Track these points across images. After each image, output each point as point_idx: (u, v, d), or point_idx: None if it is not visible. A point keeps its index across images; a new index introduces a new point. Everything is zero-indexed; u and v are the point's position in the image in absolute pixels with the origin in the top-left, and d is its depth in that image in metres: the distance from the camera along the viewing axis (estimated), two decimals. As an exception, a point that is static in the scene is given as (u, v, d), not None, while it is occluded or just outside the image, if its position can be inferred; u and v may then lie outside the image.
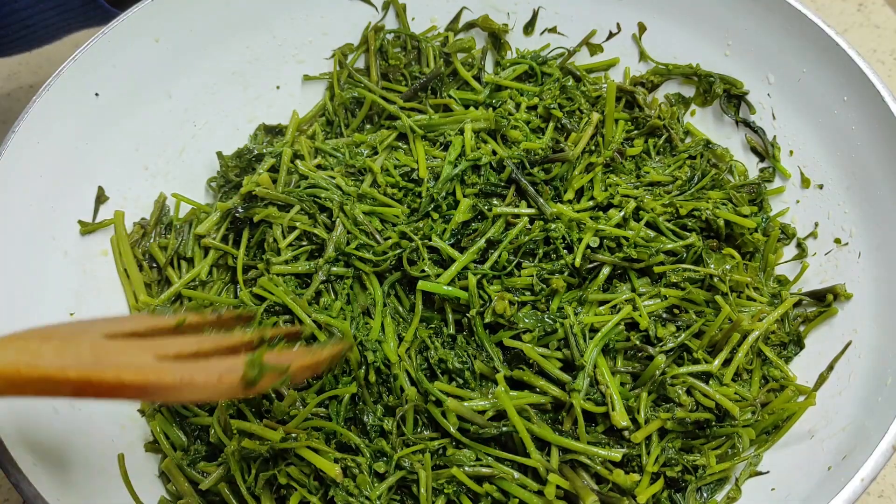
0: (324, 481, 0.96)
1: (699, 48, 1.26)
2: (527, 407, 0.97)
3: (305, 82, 1.35)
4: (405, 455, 0.96)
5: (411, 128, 1.20)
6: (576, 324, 0.99)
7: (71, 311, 1.07)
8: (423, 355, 1.02)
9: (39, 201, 1.07)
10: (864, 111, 1.07)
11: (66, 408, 0.99)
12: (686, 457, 0.97)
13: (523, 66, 1.32)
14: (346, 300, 1.07)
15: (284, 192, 1.13)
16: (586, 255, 1.06)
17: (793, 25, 1.14)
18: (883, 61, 1.54)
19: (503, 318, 1.00)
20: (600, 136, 1.20)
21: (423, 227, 1.10)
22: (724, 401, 0.97)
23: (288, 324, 1.06)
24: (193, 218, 1.21)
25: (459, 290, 1.03)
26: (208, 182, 1.28)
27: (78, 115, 1.11)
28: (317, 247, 1.11)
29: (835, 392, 1.00)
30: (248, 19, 1.27)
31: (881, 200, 1.05)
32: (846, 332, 1.04)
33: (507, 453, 0.96)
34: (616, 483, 0.94)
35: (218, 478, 0.99)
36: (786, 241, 1.17)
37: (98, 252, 1.14)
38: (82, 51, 1.10)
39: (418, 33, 1.34)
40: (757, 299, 1.09)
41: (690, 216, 1.13)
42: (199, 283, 1.16)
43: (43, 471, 0.86)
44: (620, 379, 1.00)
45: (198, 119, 1.27)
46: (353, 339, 1.01)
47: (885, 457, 0.82)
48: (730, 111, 1.26)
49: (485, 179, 1.14)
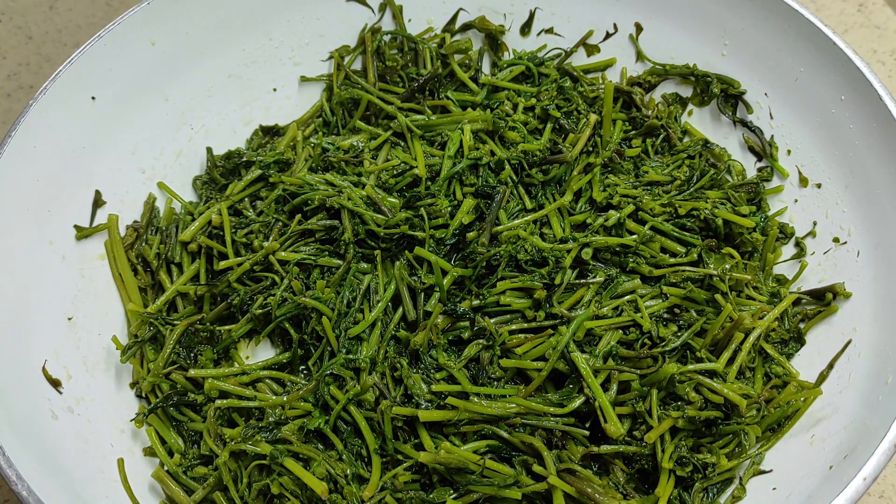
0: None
1: (696, 48, 1.26)
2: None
3: (302, 84, 1.35)
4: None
5: (409, 127, 1.20)
6: (571, 340, 1.00)
7: (69, 316, 1.07)
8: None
9: (37, 206, 1.06)
10: (861, 110, 1.07)
11: (64, 413, 0.98)
12: (696, 455, 0.97)
13: (520, 66, 1.32)
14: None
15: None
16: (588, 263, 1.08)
17: (790, 25, 1.14)
18: (883, 62, 1.54)
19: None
20: (598, 137, 1.20)
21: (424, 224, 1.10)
22: (733, 396, 0.96)
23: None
24: (178, 220, 1.21)
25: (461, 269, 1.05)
26: (194, 180, 1.28)
27: (74, 119, 1.11)
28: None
29: (835, 391, 1.00)
30: (244, 22, 1.27)
31: (879, 199, 1.05)
32: (846, 330, 1.04)
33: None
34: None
35: (208, 489, 0.99)
36: (784, 241, 1.17)
37: (96, 256, 1.14)
38: (78, 55, 1.10)
39: (415, 35, 1.34)
40: (756, 298, 1.09)
41: (689, 216, 1.13)
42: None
43: (43, 476, 0.86)
44: (627, 377, 1.00)
45: (194, 122, 1.27)
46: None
47: (887, 456, 0.82)
48: (727, 111, 1.26)
49: (483, 180, 1.14)
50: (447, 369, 1.00)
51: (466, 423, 0.97)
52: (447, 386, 0.98)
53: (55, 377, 1.00)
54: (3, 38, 1.62)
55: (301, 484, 0.96)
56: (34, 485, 0.83)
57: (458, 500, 0.94)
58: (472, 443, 0.97)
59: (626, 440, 0.98)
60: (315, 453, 0.98)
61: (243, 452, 0.98)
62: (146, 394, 1.09)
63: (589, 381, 0.96)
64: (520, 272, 1.07)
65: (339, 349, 1.03)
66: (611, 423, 0.95)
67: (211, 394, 1.04)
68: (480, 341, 1.02)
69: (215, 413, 1.02)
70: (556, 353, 0.98)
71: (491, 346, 1.01)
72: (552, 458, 0.95)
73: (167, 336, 1.08)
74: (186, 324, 1.08)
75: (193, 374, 1.06)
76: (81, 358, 1.06)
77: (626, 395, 0.99)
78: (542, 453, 0.95)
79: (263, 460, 0.98)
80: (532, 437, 0.96)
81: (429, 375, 1.01)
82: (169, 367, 1.08)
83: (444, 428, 0.98)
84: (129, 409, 1.08)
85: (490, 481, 0.93)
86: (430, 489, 0.96)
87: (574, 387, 0.99)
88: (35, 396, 0.97)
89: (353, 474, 0.97)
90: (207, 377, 1.05)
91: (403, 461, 0.97)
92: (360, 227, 1.10)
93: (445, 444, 0.95)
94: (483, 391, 0.98)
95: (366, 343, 1.04)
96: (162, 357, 1.07)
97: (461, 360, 1.01)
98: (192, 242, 1.16)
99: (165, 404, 1.05)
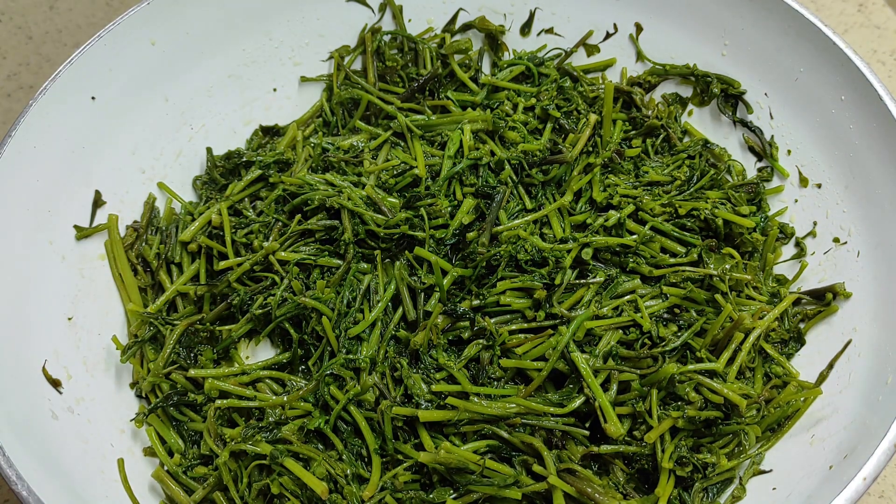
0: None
1: (696, 48, 1.26)
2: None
3: (302, 84, 1.35)
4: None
5: (409, 127, 1.20)
6: (571, 341, 1.00)
7: (69, 316, 1.07)
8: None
9: (37, 206, 1.06)
10: (861, 110, 1.07)
11: (64, 413, 0.98)
12: (696, 455, 0.97)
13: (520, 67, 1.32)
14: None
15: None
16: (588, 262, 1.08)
17: (790, 25, 1.14)
18: (883, 62, 1.54)
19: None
20: (598, 137, 1.20)
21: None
22: (734, 396, 0.96)
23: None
24: (178, 220, 1.21)
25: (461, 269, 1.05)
26: (194, 180, 1.28)
27: (74, 119, 1.11)
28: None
29: (835, 390, 1.00)
30: (244, 22, 1.27)
31: (880, 199, 1.05)
32: (846, 330, 1.04)
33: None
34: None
35: (208, 489, 0.99)
36: (784, 241, 1.17)
37: (96, 256, 1.14)
38: (78, 55, 1.10)
39: (415, 35, 1.34)
40: (756, 298, 1.09)
41: (689, 216, 1.13)
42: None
43: (43, 476, 0.86)
44: (627, 377, 1.00)
45: (194, 122, 1.27)
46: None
47: (887, 456, 0.82)
48: (727, 111, 1.26)
49: (483, 180, 1.14)
50: (447, 369, 1.00)
51: (466, 423, 0.97)
52: (447, 386, 0.98)
53: (55, 377, 1.00)
54: (3, 38, 1.62)
55: (301, 484, 0.96)
56: (34, 485, 0.83)
57: (458, 500, 0.94)
58: (472, 443, 0.97)
59: (626, 440, 0.98)
60: (315, 453, 0.98)
61: (243, 452, 0.98)
62: (146, 394, 1.09)
63: (589, 381, 0.96)
64: (520, 272, 1.07)
65: (339, 349, 1.03)
66: (611, 423, 0.95)
67: (211, 394, 1.04)
68: (480, 341, 1.02)
69: (215, 413, 1.02)
70: (556, 353, 0.98)
71: (491, 346, 1.01)
72: (552, 458, 0.95)
73: (167, 336, 1.08)
74: (186, 324, 1.08)
75: (193, 374, 1.06)
76: (81, 358, 1.06)
77: (626, 395, 0.99)
78: (542, 453, 0.95)
79: (263, 460, 0.98)
80: (532, 437, 0.96)
81: (429, 375, 1.01)
82: (169, 367, 1.08)
83: (444, 428, 0.98)
84: (129, 409, 1.08)
85: (490, 481, 0.93)
86: (430, 489, 0.96)
87: (574, 387, 0.99)
88: (35, 396, 0.97)
89: (353, 474, 0.97)
90: (207, 377, 1.05)
91: (403, 461, 0.97)
92: (360, 227, 1.10)
93: (445, 444, 0.95)
94: (483, 391, 0.98)
95: (366, 343, 1.04)
96: (162, 357, 1.07)
97: (461, 360, 1.01)
98: (192, 242, 1.16)
99: (165, 404, 1.05)
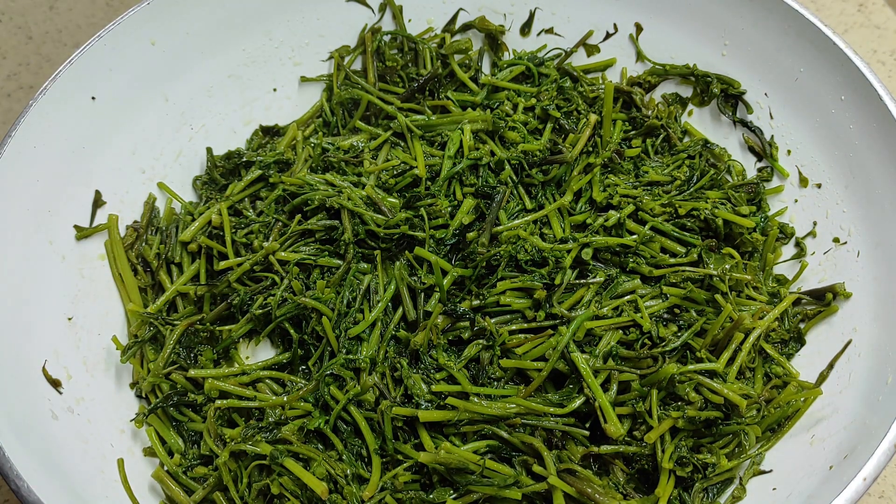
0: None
1: (696, 48, 1.26)
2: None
3: (302, 84, 1.35)
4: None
5: (409, 127, 1.20)
6: (571, 340, 1.00)
7: (69, 316, 1.07)
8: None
9: (37, 206, 1.06)
10: (861, 110, 1.07)
11: (64, 413, 0.98)
12: (696, 456, 0.97)
13: (520, 67, 1.32)
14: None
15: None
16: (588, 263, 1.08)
17: (790, 25, 1.14)
18: (883, 62, 1.54)
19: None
20: (598, 137, 1.20)
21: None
22: (734, 396, 0.96)
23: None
24: (178, 220, 1.21)
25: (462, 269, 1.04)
26: (194, 180, 1.28)
27: (74, 119, 1.11)
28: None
29: (835, 390, 1.00)
30: (244, 22, 1.27)
31: (880, 199, 1.05)
32: (846, 330, 1.04)
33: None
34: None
35: (208, 490, 0.99)
36: (784, 241, 1.17)
37: (96, 256, 1.14)
38: (78, 55, 1.10)
39: (415, 35, 1.34)
40: (756, 298, 1.09)
41: (689, 216, 1.13)
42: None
43: (43, 476, 0.86)
44: (627, 377, 1.00)
45: (194, 122, 1.27)
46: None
47: (888, 456, 0.82)
48: (727, 111, 1.26)
49: (483, 180, 1.14)
50: (447, 369, 1.00)
51: (466, 424, 0.97)
52: (447, 386, 0.98)
53: (55, 377, 1.00)
54: (3, 38, 1.62)
55: (301, 484, 0.96)
56: (34, 485, 0.83)
57: (458, 500, 0.94)
58: (472, 443, 0.97)
59: (626, 440, 0.98)
60: (315, 453, 0.98)
61: (243, 452, 0.98)
62: (146, 394, 1.09)
63: (589, 381, 0.96)
64: (520, 272, 1.07)
65: (339, 349, 1.03)
66: (611, 423, 0.95)
67: (211, 394, 1.04)
68: (480, 341, 1.02)
69: (215, 413, 1.02)
70: (556, 353, 0.98)
71: (491, 346, 1.01)
72: (552, 458, 0.95)
73: (167, 336, 1.08)
74: (186, 324, 1.08)
75: (193, 375, 1.06)
76: (81, 358, 1.06)
77: (626, 396, 0.99)
78: (542, 453, 0.95)
79: (263, 460, 0.98)
80: (532, 438, 0.96)
81: (429, 375, 1.01)
82: (169, 368, 1.08)
83: (444, 428, 0.98)
84: (129, 409, 1.08)
85: (490, 481, 0.93)
86: (430, 489, 0.96)
87: (574, 387, 0.99)
88: (35, 396, 0.97)
89: (353, 474, 0.97)
90: (207, 377, 1.05)
91: (403, 461, 0.97)
92: (360, 227, 1.10)
93: (445, 445, 0.95)
94: (483, 391, 0.98)
95: (366, 343, 1.04)
96: (162, 357, 1.07)
97: (461, 360, 1.01)
98: (192, 242, 1.16)
99: (165, 404, 1.05)
